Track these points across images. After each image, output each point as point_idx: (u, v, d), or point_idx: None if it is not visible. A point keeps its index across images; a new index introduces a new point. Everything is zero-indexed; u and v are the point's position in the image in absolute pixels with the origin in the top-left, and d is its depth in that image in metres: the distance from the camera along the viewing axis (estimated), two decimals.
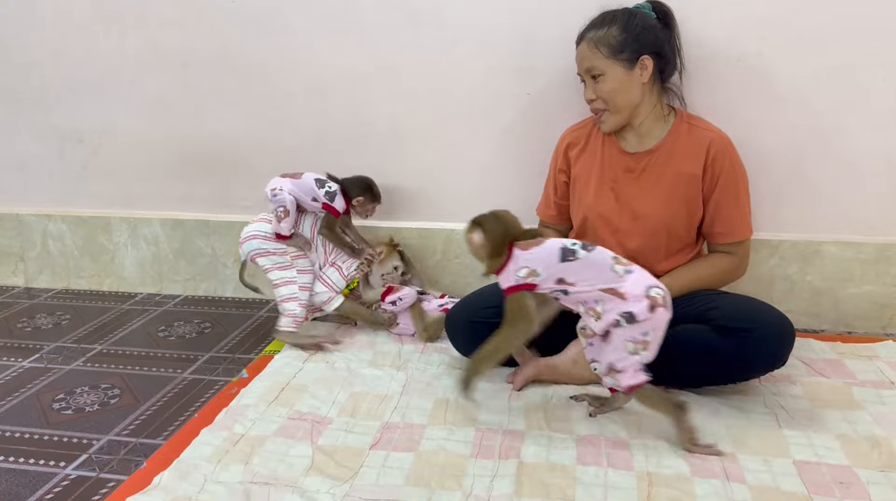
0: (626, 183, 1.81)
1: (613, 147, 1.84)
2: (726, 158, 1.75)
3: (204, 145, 2.40)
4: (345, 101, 2.25)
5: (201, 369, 1.95)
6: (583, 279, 1.47)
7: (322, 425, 1.58)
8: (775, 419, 1.57)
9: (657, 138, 1.80)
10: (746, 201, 1.80)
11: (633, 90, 1.74)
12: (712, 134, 1.77)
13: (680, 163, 1.77)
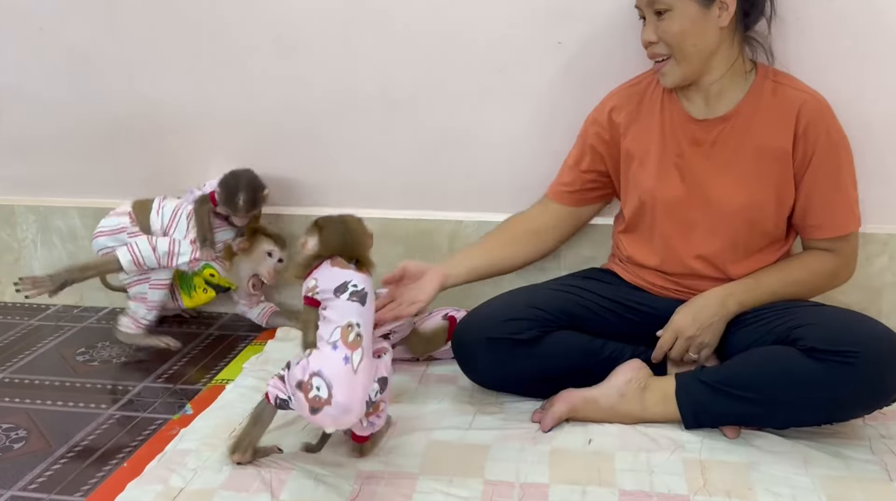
0: (693, 159, 1.80)
1: (676, 111, 1.83)
2: (822, 128, 1.74)
3: (137, 114, 2.39)
4: (322, 57, 2.24)
5: (133, 403, 1.93)
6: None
7: (284, 473, 1.57)
8: (885, 470, 1.56)
9: (734, 101, 1.79)
10: (851, 184, 1.79)
11: (709, 34, 1.73)
12: (804, 95, 1.76)
13: (763, 133, 1.76)
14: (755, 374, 1.63)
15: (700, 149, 1.80)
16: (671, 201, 1.81)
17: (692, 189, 1.80)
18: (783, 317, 1.70)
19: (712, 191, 1.78)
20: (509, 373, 1.82)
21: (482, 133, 2.22)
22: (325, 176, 2.35)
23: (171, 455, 1.65)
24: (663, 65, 1.77)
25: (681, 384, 1.72)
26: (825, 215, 1.78)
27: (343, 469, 1.60)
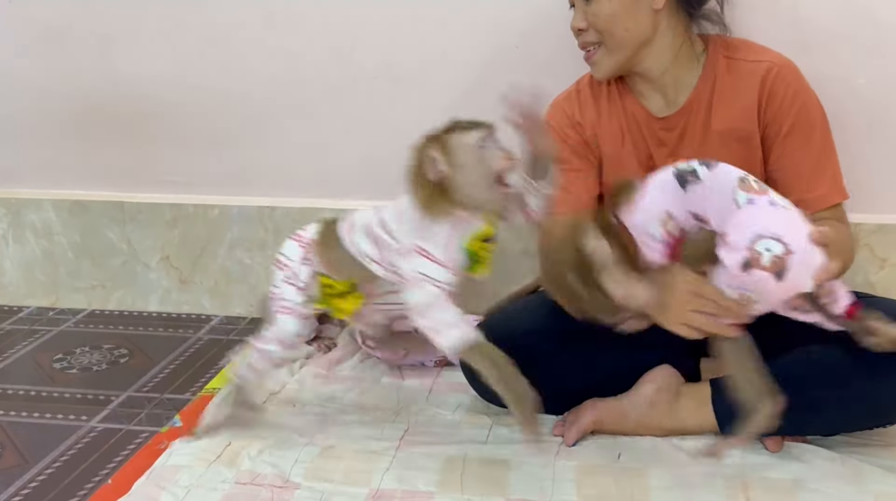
0: (661, 162, 1.76)
1: (638, 111, 1.82)
2: (787, 94, 1.72)
3: (114, 96, 2.39)
4: (318, 31, 2.23)
5: (115, 415, 1.93)
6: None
7: (285, 492, 1.56)
8: None
9: (689, 89, 1.78)
10: (831, 151, 1.75)
11: (641, 18, 1.72)
12: (760, 66, 1.74)
13: (723, 117, 1.75)
14: (800, 375, 1.60)
15: (666, 149, 1.80)
16: None
17: None
18: None
19: None
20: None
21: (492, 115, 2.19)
22: (321, 163, 2.35)
23: (160, 471, 1.64)
24: (594, 54, 1.76)
25: (717, 389, 1.69)
26: (807, 187, 1.72)
27: (353, 486, 1.58)
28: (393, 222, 1.62)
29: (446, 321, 1.52)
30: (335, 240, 1.70)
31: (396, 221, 1.61)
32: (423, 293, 1.52)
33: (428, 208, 1.53)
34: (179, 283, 2.48)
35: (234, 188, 2.41)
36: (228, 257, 2.44)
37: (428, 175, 1.52)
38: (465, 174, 1.53)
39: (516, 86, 1.52)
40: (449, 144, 1.55)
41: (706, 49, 1.80)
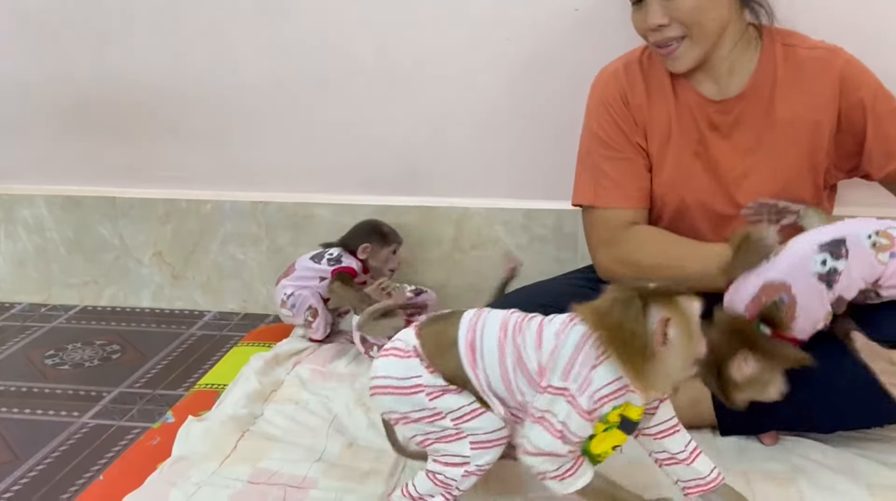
0: (715, 145, 1.78)
1: (690, 92, 1.80)
2: (859, 78, 1.73)
3: (107, 91, 2.38)
4: (314, 22, 2.22)
5: (107, 411, 1.93)
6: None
7: (301, 491, 1.55)
8: None
9: (746, 75, 1.77)
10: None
11: (722, 6, 1.70)
12: (828, 55, 1.75)
13: (790, 106, 1.74)
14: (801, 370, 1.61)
15: (720, 133, 1.78)
16: (695, 193, 1.78)
17: (716, 179, 1.78)
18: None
19: (739, 178, 1.77)
20: None
21: (493, 108, 2.20)
22: (315, 158, 2.35)
23: (173, 468, 1.63)
24: (676, 48, 1.72)
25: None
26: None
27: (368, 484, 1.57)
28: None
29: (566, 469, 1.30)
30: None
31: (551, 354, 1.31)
32: (552, 441, 1.27)
33: (637, 379, 1.22)
34: (172, 278, 2.48)
35: (227, 183, 2.40)
36: (221, 252, 2.43)
37: (653, 343, 1.21)
38: (688, 350, 1.25)
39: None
40: (685, 312, 1.24)
41: (761, 36, 1.79)
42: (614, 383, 1.25)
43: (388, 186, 2.31)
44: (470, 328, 1.34)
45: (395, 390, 1.35)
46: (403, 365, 1.35)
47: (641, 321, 1.20)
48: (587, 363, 1.25)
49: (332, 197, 2.34)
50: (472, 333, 1.34)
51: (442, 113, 2.23)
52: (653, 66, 1.84)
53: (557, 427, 1.25)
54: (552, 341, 1.29)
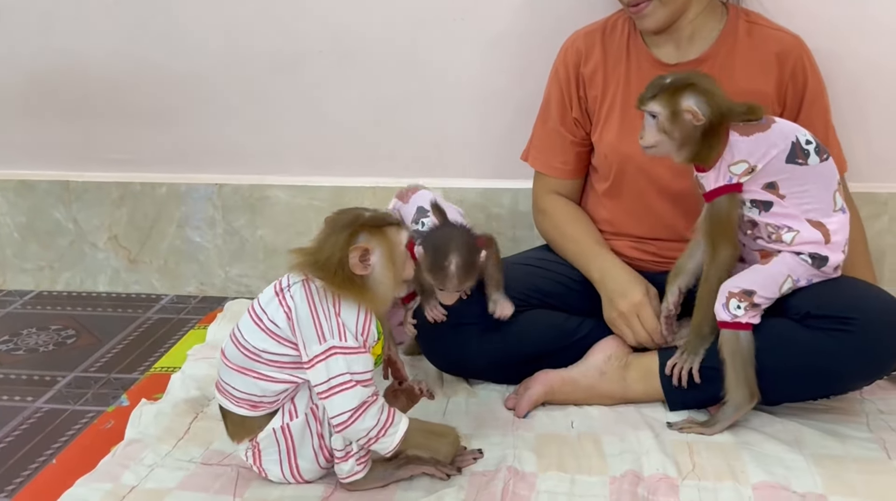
0: None
1: (644, 57, 1.86)
2: (809, 71, 1.81)
3: (58, 73, 2.38)
4: (266, 4, 2.23)
5: (61, 396, 1.93)
6: (798, 194, 1.59)
7: (253, 472, 1.56)
8: (883, 448, 1.59)
9: (707, 43, 1.83)
10: (833, 125, 1.87)
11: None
12: (786, 36, 1.82)
13: (743, 76, 1.80)
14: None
15: None
16: (638, 156, 1.82)
17: None
18: None
19: None
20: (477, 358, 1.82)
21: (450, 88, 2.22)
22: (272, 140, 2.36)
23: (126, 451, 1.64)
24: (644, 7, 1.77)
25: (664, 360, 1.73)
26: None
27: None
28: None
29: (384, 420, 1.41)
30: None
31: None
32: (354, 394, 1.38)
33: (348, 296, 1.39)
34: (128, 262, 2.48)
35: (182, 166, 2.41)
36: (177, 235, 2.44)
37: (353, 267, 1.37)
38: (390, 276, 1.42)
39: None
40: (390, 241, 1.42)
41: (727, 10, 1.85)
42: (360, 313, 1.40)
43: (343, 168, 2.33)
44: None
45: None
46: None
47: (343, 251, 1.36)
48: (330, 315, 1.38)
49: (288, 179, 2.35)
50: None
51: (395, 94, 2.25)
52: (613, 33, 1.90)
53: (348, 381, 1.37)
54: (281, 316, 1.41)
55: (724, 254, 1.62)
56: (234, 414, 1.48)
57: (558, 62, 1.95)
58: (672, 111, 1.56)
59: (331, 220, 1.43)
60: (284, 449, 1.48)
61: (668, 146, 1.61)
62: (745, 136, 1.58)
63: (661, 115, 1.58)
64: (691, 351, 1.67)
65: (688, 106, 1.55)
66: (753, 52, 1.81)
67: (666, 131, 1.58)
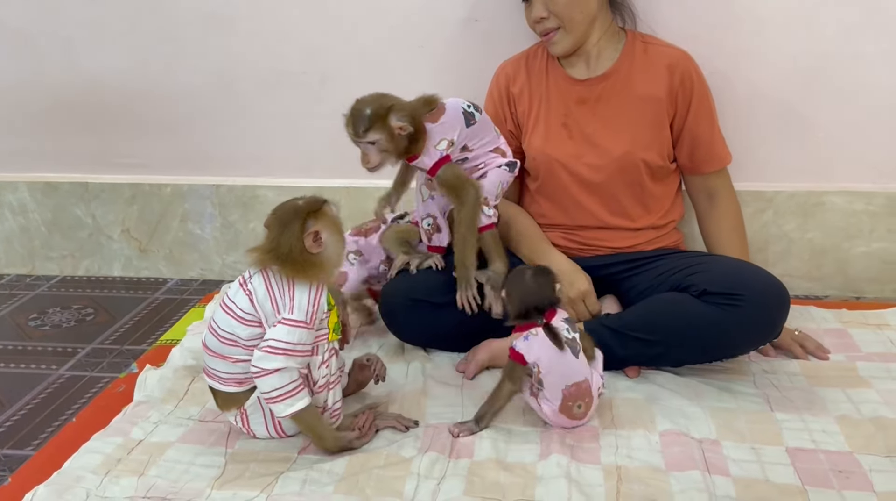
0: (580, 116, 1.86)
1: (560, 76, 1.90)
2: (694, 77, 1.85)
3: (78, 90, 2.36)
4: (252, 31, 2.23)
5: (81, 364, 1.94)
6: (480, 144, 1.74)
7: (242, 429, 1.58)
8: (766, 402, 1.63)
9: (611, 61, 1.87)
10: (717, 122, 1.92)
11: (589, 2, 1.80)
12: (674, 51, 1.87)
13: (641, 85, 1.85)
14: (654, 318, 1.69)
15: (586, 106, 1.87)
16: (561, 157, 1.86)
17: (580, 144, 1.86)
18: (678, 266, 1.76)
19: (598, 141, 1.85)
20: (432, 331, 1.84)
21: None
22: (261, 147, 2.35)
23: (135, 410, 1.66)
24: (552, 35, 1.82)
25: (587, 330, 1.76)
26: (709, 150, 1.89)
27: None
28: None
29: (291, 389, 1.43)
30: None
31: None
32: (273, 359, 1.41)
33: (303, 278, 1.42)
34: (139, 251, 2.47)
35: (185, 169, 2.40)
36: (181, 228, 2.43)
37: (310, 249, 1.41)
38: (339, 246, 1.48)
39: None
40: (329, 218, 1.46)
41: (626, 33, 1.89)
42: (311, 290, 1.43)
43: (322, 170, 2.33)
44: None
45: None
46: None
47: (300, 239, 1.40)
48: (284, 293, 1.42)
49: (275, 180, 2.35)
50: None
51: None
52: (535, 59, 1.94)
53: (276, 347, 1.39)
54: (245, 301, 1.44)
55: (470, 195, 1.71)
56: (223, 392, 1.50)
57: (492, 85, 1.98)
58: (388, 133, 1.64)
59: (274, 219, 1.44)
60: (269, 413, 1.50)
61: (390, 159, 1.71)
62: (435, 122, 1.69)
63: (381, 139, 1.65)
64: (465, 281, 1.75)
65: (396, 124, 1.64)
66: (649, 65, 1.85)
67: (387, 150, 1.67)
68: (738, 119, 2.00)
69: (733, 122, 1.96)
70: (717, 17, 2.02)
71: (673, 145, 1.88)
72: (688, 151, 1.88)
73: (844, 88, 2.05)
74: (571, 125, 1.87)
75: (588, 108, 1.86)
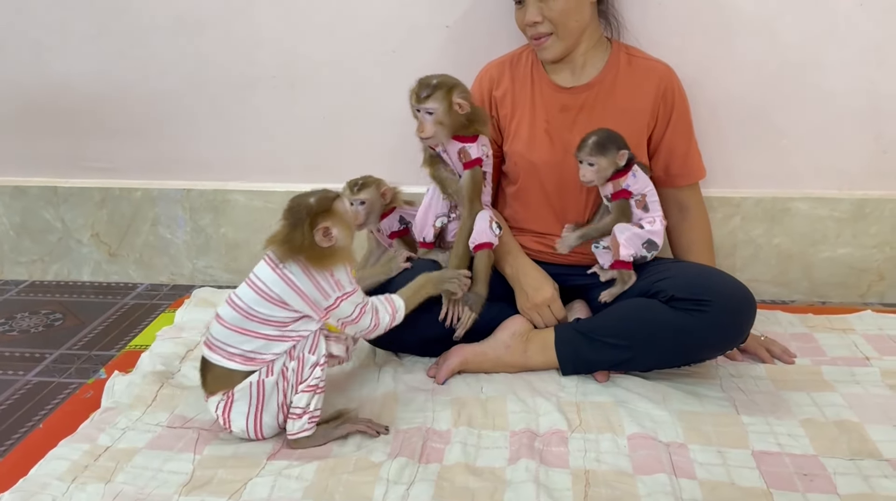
0: (562, 124, 1.87)
1: (545, 82, 1.90)
2: (676, 94, 1.87)
3: (48, 93, 2.34)
4: (224, 35, 2.22)
5: (49, 369, 1.92)
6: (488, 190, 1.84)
7: (211, 433, 1.58)
8: (733, 405, 1.65)
9: (596, 71, 1.88)
10: (694, 138, 1.93)
11: (585, 9, 1.81)
12: (658, 66, 1.88)
13: (624, 97, 1.85)
14: (623, 323, 1.70)
15: (568, 114, 1.87)
16: (542, 162, 1.86)
17: (560, 151, 1.86)
18: (647, 272, 1.77)
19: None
20: (405, 337, 1.82)
21: (379, 108, 2.23)
22: (232, 151, 2.34)
23: (102, 416, 1.64)
24: (544, 41, 1.81)
25: (559, 334, 1.78)
26: (684, 165, 1.90)
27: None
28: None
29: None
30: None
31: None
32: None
33: (324, 266, 1.49)
34: (109, 256, 2.45)
35: (155, 173, 2.38)
36: (151, 232, 2.42)
37: (321, 243, 1.46)
38: (349, 232, 1.54)
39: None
40: (338, 212, 1.50)
41: (611, 44, 1.90)
42: (345, 268, 1.53)
43: (293, 175, 2.32)
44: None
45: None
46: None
47: (310, 237, 1.45)
48: (326, 277, 1.50)
49: (246, 184, 2.35)
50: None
51: (337, 113, 2.25)
52: (519, 63, 1.94)
53: (357, 314, 1.55)
54: (281, 285, 1.49)
55: (476, 208, 1.80)
56: (217, 368, 1.51)
57: (475, 87, 1.97)
58: (447, 105, 1.71)
59: (288, 214, 1.49)
60: (254, 403, 1.51)
61: (443, 134, 1.75)
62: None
63: (439, 110, 1.71)
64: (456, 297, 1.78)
65: (458, 99, 1.70)
66: (632, 78, 1.86)
67: (442, 122, 1.72)
68: (707, 126, 2.02)
69: (701, 128, 1.98)
70: (686, 25, 2.04)
71: (649, 158, 1.89)
72: (663, 164, 1.89)
73: (809, 95, 2.08)
74: (553, 132, 1.87)
75: (570, 116, 1.86)
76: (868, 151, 2.12)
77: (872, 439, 1.53)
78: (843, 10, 2.01)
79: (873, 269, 2.19)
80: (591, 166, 1.73)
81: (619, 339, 1.69)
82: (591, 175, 1.74)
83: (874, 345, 1.90)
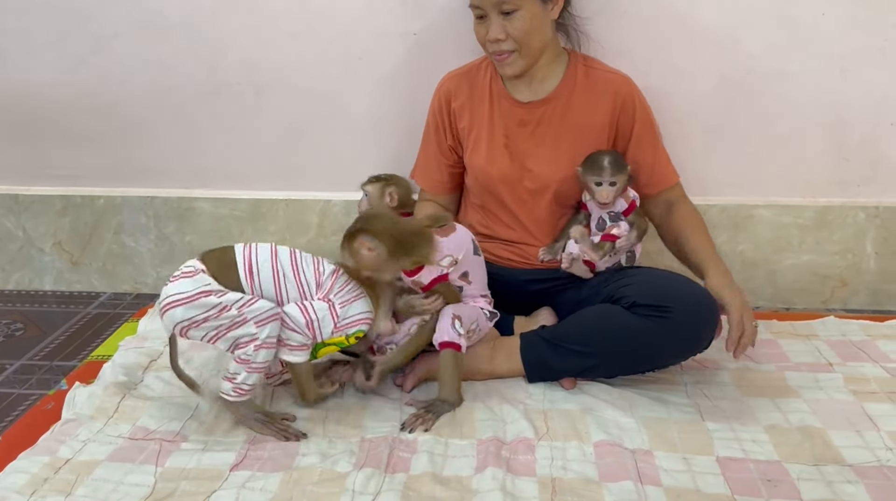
0: (520, 138, 1.87)
1: (504, 96, 1.90)
2: (637, 104, 1.86)
3: (8, 100, 2.31)
4: (188, 41, 2.20)
5: (9, 380, 1.90)
6: (477, 280, 1.76)
7: (173, 445, 1.57)
8: (698, 411, 1.66)
9: (553, 85, 1.88)
10: (662, 144, 1.93)
11: (546, 28, 1.81)
12: (616, 77, 1.88)
13: (582, 112, 1.85)
14: (587, 330, 1.71)
15: (526, 129, 1.87)
16: (502, 177, 1.87)
17: (519, 166, 1.87)
18: (611, 278, 1.79)
19: (537, 164, 1.86)
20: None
21: (344, 114, 2.23)
22: (197, 159, 2.32)
23: (63, 428, 1.62)
24: (507, 58, 1.80)
25: (525, 342, 1.78)
26: (651, 174, 1.89)
27: (232, 436, 1.60)
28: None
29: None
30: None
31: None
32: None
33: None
34: (71, 264, 2.42)
35: (118, 181, 2.35)
36: (114, 240, 2.39)
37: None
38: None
39: None
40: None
41: (569, 56, 1.89)
42: (365, 313, 1.63)
43: (259, 183, 2.32)
44: (245, 253, 1.60)
45: (185, 300, 1.53)
46: (191, 281, 1.55)
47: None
48: (351, 293, 1.61)
49: (211, 192, 2.33)
50: (248, 255, 1.60)
51: (303, 120, 2.24)
52: (478, 75, 1.93)
53: (311, 316, 1.58)
54: (329, 274, 1.63)
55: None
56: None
57: (434, 99, 1.98)
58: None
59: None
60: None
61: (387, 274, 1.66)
62: (445, 236, 1.68)
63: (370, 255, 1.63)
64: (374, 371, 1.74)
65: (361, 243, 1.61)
66: (589, 91, 1.86)
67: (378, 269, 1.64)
68: (671, 134, 2.03)
69: (667, 137, 1.99)
70: (649, 34, 2.05)
71: None
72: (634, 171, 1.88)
73: (771, 104, 2.11)
74: (512, 147, 1.87)
75: (528, 131, 1.87)
76: (831, 159, 2.15)
77: (836, 445, 1.54)
78: (805, 20, 2.04)
79: (836, 275, 2.22)
80: (613, 186, 1.75)
81: (583, 346, 1.70)
82: (613, 195, 1.77)
83: (837, 351, 1.92)
